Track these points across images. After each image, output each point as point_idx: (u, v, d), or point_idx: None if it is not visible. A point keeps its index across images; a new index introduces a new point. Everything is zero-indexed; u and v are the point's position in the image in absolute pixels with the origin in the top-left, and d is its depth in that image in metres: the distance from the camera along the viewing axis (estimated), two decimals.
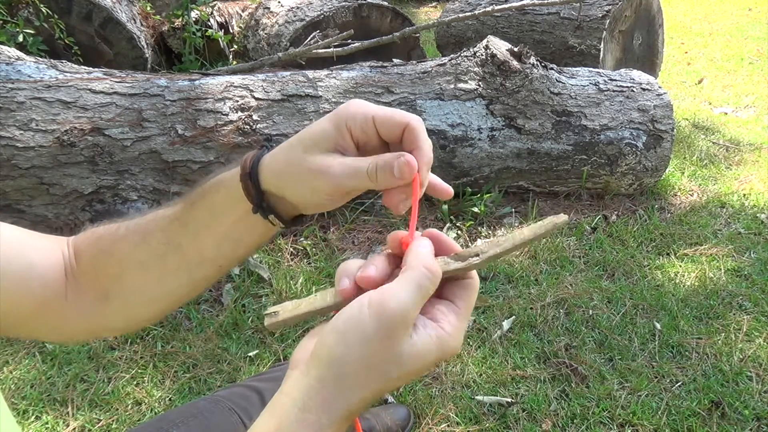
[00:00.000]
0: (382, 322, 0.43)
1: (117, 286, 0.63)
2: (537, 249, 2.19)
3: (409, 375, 0.45)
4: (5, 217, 2.01)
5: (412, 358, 0.44)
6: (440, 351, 0.45)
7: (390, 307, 0.43)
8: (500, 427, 1.50)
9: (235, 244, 0.59)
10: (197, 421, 0.81)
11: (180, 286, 0.62)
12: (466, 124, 2.32)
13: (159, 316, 0.69)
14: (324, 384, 0.44)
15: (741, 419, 1.52)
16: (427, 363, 0.45)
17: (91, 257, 0.64)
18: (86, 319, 0.64)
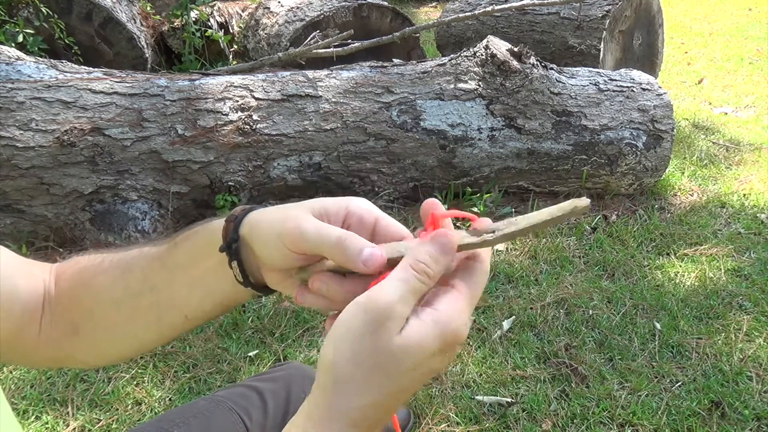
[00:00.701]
0: (368, 317, 0.42)
1: (88, 320, 0.63)
2: (537, 249, 2.19)
3: (416, 370, 0.43)
4: (5, 217, 2.01)
5: (408, 349, 0.42)
6: (440, 334, 0.43)
7: (375, 302, 0.42)
8: (500, 427, 1.50)
9: (204, 293, 0.57)
10: (197, 420, 0.81)
11: (147, 329, 0.61)
12: (466, 124, 2.32)
13: (124, 357, 0.68)
14: (324, 391, 0.43)
15: (741, 419, 1.52)
16: (429, 351, 0.42)
17: (69, 288, 0.64)
18: (55, 350, 0.64)
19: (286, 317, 1.85)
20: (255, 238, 0.52)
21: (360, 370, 0.42)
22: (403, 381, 0.43)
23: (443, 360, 0.44)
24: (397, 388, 0.43)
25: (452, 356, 0.45)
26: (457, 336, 0.43)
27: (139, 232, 2.09)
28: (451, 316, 0.43)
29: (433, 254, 0.45)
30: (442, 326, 0.43)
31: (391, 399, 0.43)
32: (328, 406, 0.43)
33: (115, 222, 2.08)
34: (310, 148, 2.21)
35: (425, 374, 0.44)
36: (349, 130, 2.23)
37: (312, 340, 1.78)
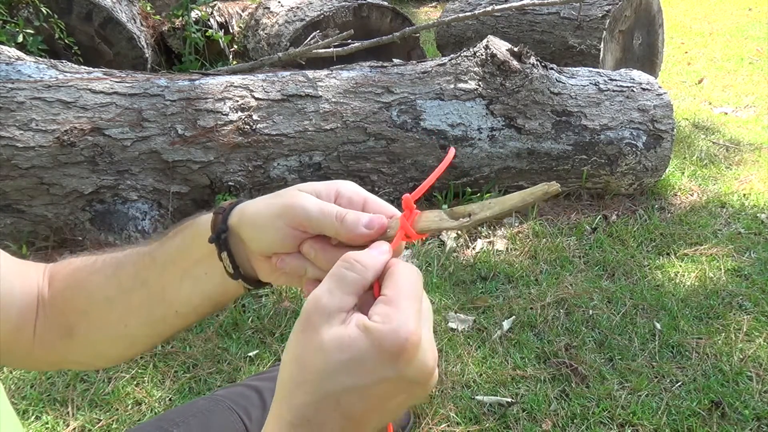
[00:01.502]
0: (302, 315, 0.43)
1: (82, 321, 0.63)
2: (537, 249, 2.19)
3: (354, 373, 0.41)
4: (5, 217, 2.01)
5: (335, 348, 0.41)
6: (373, 341, 0.40)
7: (306, 302, 0.43)
8: (500, 427, 1.50)
9: (194, 286, 0.57)
10: (197, 420, 0.81)
11: (140, 327, 0.61)
12: (466, 124, 2.32)
13: (118, 358, 0.68)
14: (276, 390, 0.44)
15: (741, 419, 1.52)
16: (360, 357, 0.40)
17: (63, 289, 0.64)
18: (49, 352, 0.64)
19: (286, 317, 1.85)
20: (245, 226, 0.53)
21: (296, 367, 0.42)
22: (339, 381, 0.41)
23: (397, 367, 0.41)
24: (333, 387, 0.41)
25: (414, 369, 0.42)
26: (396, 342, 0.40)
27: (139, 232, 2.09)
28: (386, 323, 0.41)
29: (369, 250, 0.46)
30: (376, 332, 0.41)
31: (332, 401, 0.41)
32: (276, 405, 0.44)
33: (115, 222, 2.08)
34: (310, 148, 2.21)
35: (381, 382, 0.41)
36: (349, 130, 2.24)
37: None
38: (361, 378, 0.41)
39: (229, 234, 0.54)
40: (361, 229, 0.49)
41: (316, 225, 0.50)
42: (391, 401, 0.43)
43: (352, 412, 0.42)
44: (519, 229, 2.32)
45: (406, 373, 0.41)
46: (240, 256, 0.55)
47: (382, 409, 0.43)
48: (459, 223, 0.49)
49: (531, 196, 0.47)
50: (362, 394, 0.41)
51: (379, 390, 0.41)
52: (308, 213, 0.50)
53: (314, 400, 0.41)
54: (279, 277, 0.54)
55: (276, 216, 0.51)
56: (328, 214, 0.49)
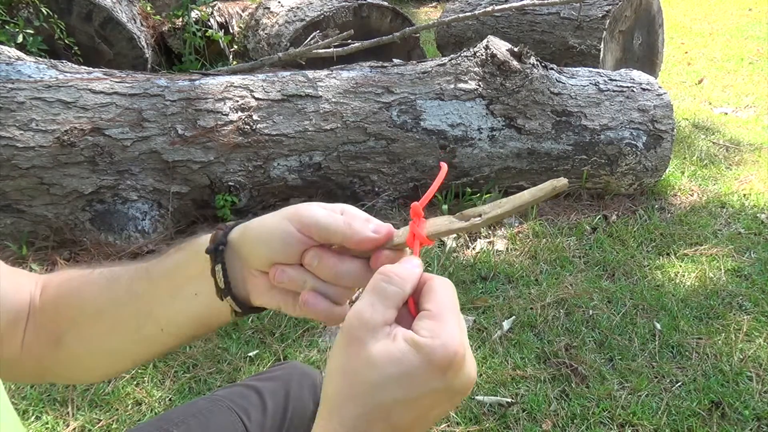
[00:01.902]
0: (344, 331, 0.44)
1: (70, 331, 0.62)
2: (537, 249, 2.19)
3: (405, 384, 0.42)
4: (5, 217, 2.01)
5: (386, 362, 0.42)
6: (424, 356, 0.42)
7: (349, 314, 0.44)
8: (500, 427, 1.50)
9: (182, 304, 0.57)
10: (197, 420, 0.81)
11: (126, 341, 0.60)
12: (466, 124, 2.32)
13: (101, 375, 0.68)
14: (321, 406, 0.45)
15: (741, 419, 1.52)
16: (413, 363, 0.42)
17: (55, 297, 0.63)
18: (37, 363, 0.63)
19: (286, 317, 1.85)
20: (248, 239, 0.53)
21: (345, 381, 0.43)
22: (391, 394, 0.42)
23: (446, 379, 0.43)
24: (386, 400, 0.42)
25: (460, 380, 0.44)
26: (447, 355, 0.42)
27: (139, 232, 2.10)
28: (434, 338, 0.43)
29: (400, 261, 0.47)
30: (425, 348, 0.42)
31: (383, 413, 0.42)
32: (328, 415, 0.44)
33: (115, 222, 2.08)
34: (310, 148, 2.21)
35: (429, 394, 0.43)
36: (349, 130, 2.24)
37: (312, 340, 1.78)
38: (412, 391, 0.42)
39: (228, 249, 0.54)
40: (369, 233, 0.50)
41: (324, 227, 0.51)
42: (436, 410, 0.44)
43: (401, 423, 0.43)
44: (519, 229, 2.32)
45: (453, 384, 0.43)
46: (234, 273, 0.54)
47: (426, 418, 0.44)
48: (470, 223, 0.50)
49: (541, 192, 0.48)
50: (411, 406, 0.43)
51: (427, 401, 0.43)
52: (317, 216, 0.51)
53: (365, 412, 0.43)
54: (273, 296, 0.54)
55: (284, 218, 0.52)
56: (337, 218, 0.51)
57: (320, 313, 0.51)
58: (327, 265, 0.51)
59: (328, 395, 0.44)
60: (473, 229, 0.51)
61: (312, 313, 0.52)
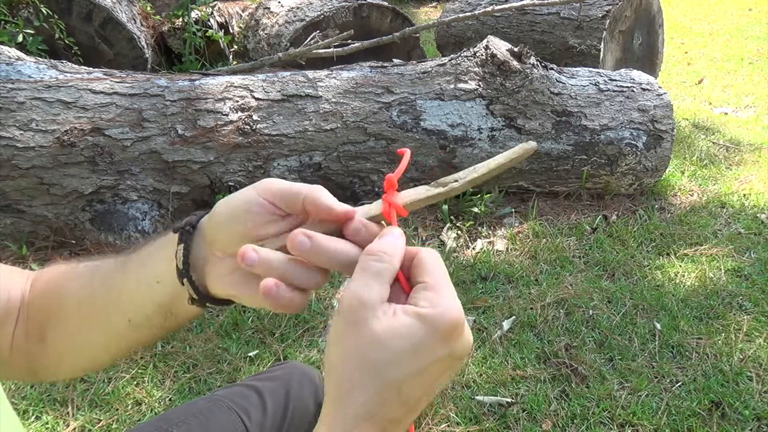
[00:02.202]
0: (343, 313, 0.44)
1: (54, 325, 0.62)
2: (537, 249, 2.19)
3: (413, 357, 0.42)
4: (5, 217, 2.01)
5: (392, 332, 0.42)
6: (429, 326, 0.42)
7: (344, 298, 0.44)
8: (500, 427, 1.50)
9: (147, 290, 0.56)
10: (197, 420, 0.81)
11: (97, 333, 0.60)
12: (466, 124, 2.32)
13: (80, 370, 0.67)
14: (328, 396, 0.44)
15: (741, 419, 1.52)
16: (419, 335, 0.42)
17: (42, 291, 0.63)
18: (25, 360, 0.63)
19: (286, 317, 1.85)
20: (212, 218, 0.52)
21: (352, 365, 0.43)
22: (401, 369, 0.42)
23: (450, 345, 0.43)
24: (397, 375, 0.42)
25: (461, 346, 0.44)
26: (451, 321, 0.43)
27: (139, 232, 2.10)
28: (435, 307, 0.43)
29: (383, 239, 0.47)
30: (429, 318, 0.43)
31: (394, 390, 0.42)
32: (333, 409, 0.43)
33: (115, 222, 2.08)
34: (310, 148, 2.21)
35: (436, 363, 0.43)
36: (349, 130, 2.24)
37: (312, 340, 1.78)
38: (421, 362, 0.43)
39: (196, 233, 0.54)
40: (334, 200, 0.49)
41: (287, 189, 0.50)
42: (440, 379, 0.45)
43: (412, 397, 0.43)
44: (519, 229, 2.32)
45: (455, 349, 0.44)
46: (197, 255, 0.53)
47: (432, 389, 0.45)
48: (449, 188, 0.51)
49: (513, 155, 0.51)
50: (420, 378, 0.43)
51: (434, 371, 0.44)
52: (281, 182, 0.51)
53: (377, 392, 0.42)
54: (231, 281, 0.52)
55: (249, 188, 0.51)
56: (301, 184, 0.51)
57: (282, 302, 0.48)
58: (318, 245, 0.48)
59: (334, 385, 0.44)
60: (451, 195, 0.51)
61: (272, 304, 0.49)
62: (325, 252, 0.48)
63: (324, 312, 1.89)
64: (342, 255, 0.48)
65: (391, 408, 0.43)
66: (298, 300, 0.49)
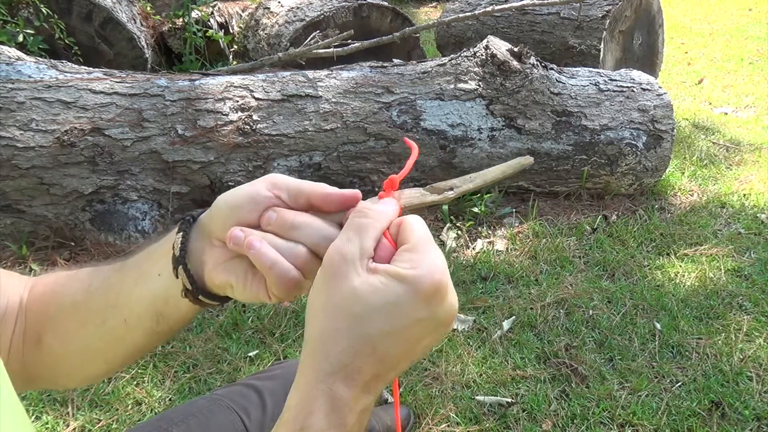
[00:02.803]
0: (324, 266, 0.44)
1: (49, 329, 0.61)
2: (537, 249, 2.19)
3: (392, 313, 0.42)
4: (5, 217, 2.01)
5: (371, 286, 0.42)
6: (408, 286, 0.43)
7: (328, 254, 0.44)
8: (500, 427, 1.50)
9: (143, 289, 0.56)
10: (197, 420, 0.81)
11: (93, 336, 0.59)
12: (466, 124, 2.32)
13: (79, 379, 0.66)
14: (303, 353, 0.44)
15: (741, 419, 1.52)
16: (399, 293, 0.42)
17: (39, 295, 0.63)
18: (22, 365, 0.63)
19: (286, 317, 1.85)
20: (214, 208, 0.52)
21: (328, 317, 0.43)
22: (376, 324, 0.42)
23: (431, 308, 0.43)
24: (371, 331, 0.42)
25: (444, 309, 0.44)
26: (432, 281, 0.43)
27: (139, 232, 2.10)
28: (415, 267, 0.43)
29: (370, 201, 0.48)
30: (408, 278, 0.43)
31: (369, 345, 0.42)
32: (309, 359, 0.43)
33: (115, 222, 2.08)
34: (310, 148, 2.21)
35: (416, 324, 0.43)
36: (349, 130, 2.24)
37: None
38: (398, 321, 0.43)
39: (196, 224, 0.54)
40: (337, 189, 0.50)
41: (294, 182, 0.51)
42: (421, 343, 0.45)
43: (387, 355, 0.43)
44: (519, 229, 2.32)
45: (437, 312, 0.44)
46: (194, 245, 0.53)
47: (412, 352, 0.45)
48: (443, 196, 0.52)
49: (509, 169, 0.52)
50: (397, 338, 0.43)
51: (413, 332, 0.43)
52: (288, 177, 0.52)
53: (350, 345, 0.42)
54: (227, 269, 0.52)
55: (257, 181, 0.52)
56: (306, 181, 0.51)
57: (266, 260, 0.48)
58: (284, 218, 0.49)
59: (311, 335, 0.44)
60: (444, 202, 0.52)
61: (257, 259, 0.48)
62: (291, 221, 0.49)
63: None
64: (307, 226, 0.49)
65: (364, 362, 0.43)
66: (285, 266, 0.48)
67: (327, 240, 0.48)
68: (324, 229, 0.49)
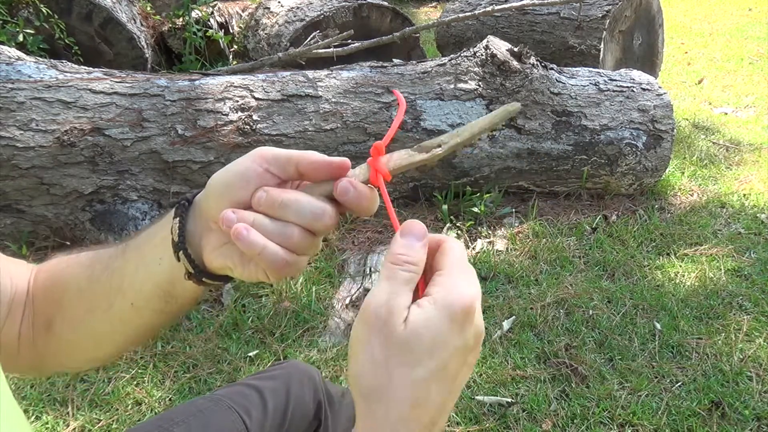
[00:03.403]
0: (369, 321, 0.44)
1: (58, 314, 0.62)
2: (537, 249, 2.19)
3: (437, 351, 0.43)
4: (5, 217, 2.01)
5: (416, 332, 0.43)
6: (446, 310, 0.43)
7: (370, 306, 0.44)
8: (500, 427, 1.50)
9: (146, 271, 0.56)
10: (197, 419, 0.81)
11: (101, 320, 0.60)
12: (466, 124, 2.32)
13: (87, 361, 0.67)
14: (359, 408, 0.44)
15: (741, 419, 1.52)
16: (439, 328, 0.43)
17: (44, 281, 0.63)
18: (32, 352, 0.63)
19: (286, 317, 1.85)
20: (208, 188, 0.52)
21: (381, 372, 0.43)
22: (429, 365, 0.43)
23: (464, 334, 0.44)
24: (426, 375, 0.43)
25: (473, 333, 0.45)
26: (463, 304, 0.44)
27: None
28: (448, 290, 0.44)
29: (407, 243, 0.47)
30: (445, 303, 0.43)
31: (425, 390, 0.43)
32: (366, 420, 0.43)
33: (115, 222, 2.08)
34: (310, 148, 2.20)
35: (453, 354, 0.44)
36: (349, 130, 2.24)
37: (312, 340, 1.78)
38: (441, 355, 0.43)
39: (192, 207, 0.54)
40: (325, 157, 0.51)
41: (282, 152, 0.51)
42: (459, 375, 0.45)
43: (440, 396, 0.44)
44: (519, 229, 2.32)
45: (467, 338, 0.44)
46: (193, 228, 0.54)
47: (455, 386, 0.45)
48: (431, 154, 0.51)
49: (496, 118, 0.51)
50: (444, 374, 0.44)
51: (453, 364, 0.44)
52: (275, 149, 0.52)
53: (409, 395, 0.43)
54: (225, 252, 0.52)
55: (245, 157, 0.52)
56: (294, 150, 0.52)
57: (253, 248, 0.48)
58: (273, 196, 0.50)
59: (364, 392, 0.44)
60: (434, 160, 0.51)
61: (246, 247, 0.49)
62: (279, 201, 0.49)
63: (324, 312, 1.89)
64: (300, 204, 0.49)
65: (423, 409, 0.43)
66: (274, 250, 0.49)
67: (316, 216, 0.49)
68: (313, 205, 0.50)
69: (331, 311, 1.89)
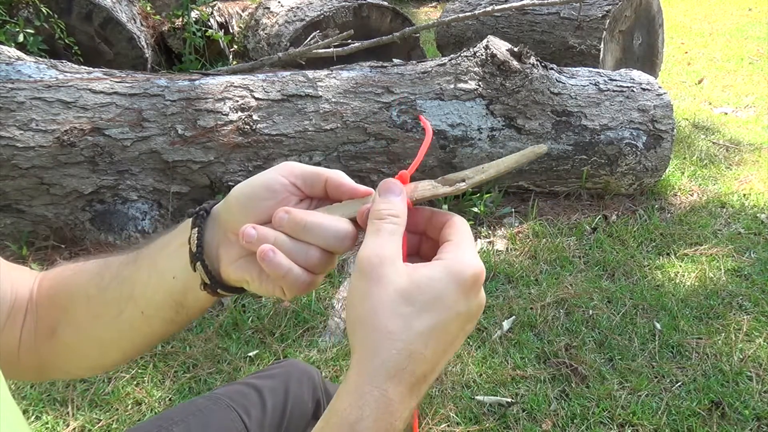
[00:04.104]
0: (364, 271, 0.45)
1: (63, 320, 0.62)
2: (537, 249, 2.19)
3: (437, 308, 0.43)
4: (5, 217, 2.01)
5: (418, 284, 0.44)
6: (456, 275, 0.44)
7: (362, 259, 0.45)
8: (500, 427, 1.50)
9: (159, 280, 0.56)
10: (196, 419, 0.81)
11: (108, 328, 0.60)
12: (466, 124, 2.32)
13: (92, 368, 0.67)
14: (353, 355, 0.44)
15: (741, 419, 1.52)
16: (443, 287, 0.44)
17: (49, 288, 0.63)
18: (34, 356, 0.63)
19: (286, 317, 1.85)
20: (229, 199, 0.53)
21: (377, 319, 0.43)
22: (428, 321, 0.44)
23: (469, 301, 0.45)
24: (424, 329, 0.43)
25: (477, 303, 0.46)
26: (474, 272, 0.45)
27: (139, 232, 2.09)
28: (459, 257, 0.46)
29: (387, 198, 0.49)
30: (452, 268, 0.45)
31: (422, 343, 0.43)
32: (359, 367, 0.44)
33: (115, 222, 2.08)
34: (310, 148, 2.21)
35: (455, 318, 0.44)
36: (349, 130, 2.24)
37: (312, 340, 1.78)
38: (442, 314, 0.44)
39: (210, 217, 0.54)
40: (352, 181, 0.52)
41: (310, 170, 0.52)
42: (458, 339, 0.46)
43: (434, 353, 0.44)
44: (519, 229, 2.32)
45: (472, 306, 0.46)
46: (210, 239, 0.54)
47: (451, 348, 0.46)
48: (455, 188, 0.52)
49: (523, 158, 0.52)
50: (443, 332, 0.44)
51: (453, 326, 0.45)
52: (304, 166, 0.52)
53: (405, 345, 0.43)
54: (242, 265, 0.52)
55: (272, 170, 0.52)
56: (323, 168, 0.53)
57: (279, 270, 0.49)
58: (295, 218, 0.50)
59: (360, 342, 0.44)
60: (456, 193, 0.52)
61: (271, 270, 0.49)
62: (303, 224, 0.49)
63: (324, 312, 1.89)
64: (322, 228, 0.50)
65: (417, 363, 0.43)
66: (297, 273, 0.49)
67: (338, 240, 0.50)
68: (336, 229, 0.50)
69: (331, 311, 1.89)
